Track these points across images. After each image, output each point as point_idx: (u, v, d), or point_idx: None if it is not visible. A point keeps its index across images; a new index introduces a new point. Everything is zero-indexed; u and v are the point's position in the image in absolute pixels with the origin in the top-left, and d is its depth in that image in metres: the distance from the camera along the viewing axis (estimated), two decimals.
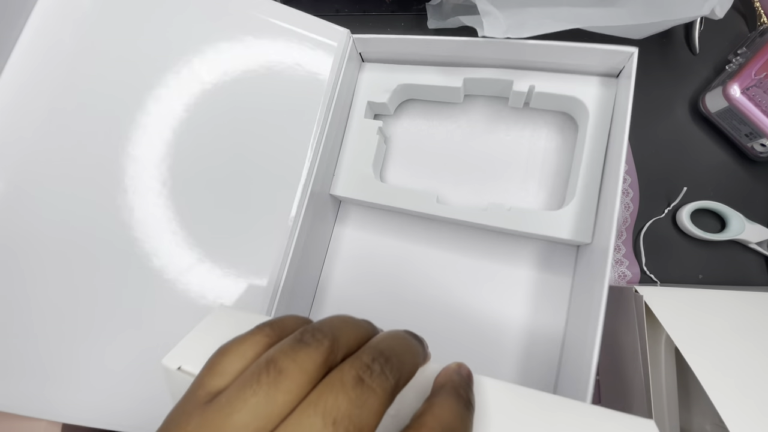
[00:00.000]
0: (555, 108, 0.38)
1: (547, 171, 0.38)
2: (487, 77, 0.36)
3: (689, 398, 0.33)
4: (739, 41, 0.44)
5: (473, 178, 0.40)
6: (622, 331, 0.33)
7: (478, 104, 0.41)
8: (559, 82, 0.35)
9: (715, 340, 0.27)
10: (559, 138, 0.38)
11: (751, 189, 0.41)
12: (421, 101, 0.42)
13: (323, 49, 0.37)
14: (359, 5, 0.44)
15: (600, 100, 0.34)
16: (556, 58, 0.34)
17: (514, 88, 0.35)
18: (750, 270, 0.40)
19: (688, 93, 0.44)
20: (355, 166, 0.39)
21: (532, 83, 0.35)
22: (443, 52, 0.36)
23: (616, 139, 0.32)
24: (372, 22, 0.46)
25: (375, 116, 0.42)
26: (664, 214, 0.40)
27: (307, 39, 0.36)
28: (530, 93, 0.36)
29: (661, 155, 0.42)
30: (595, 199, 0.33)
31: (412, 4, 0.44)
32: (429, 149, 0.41)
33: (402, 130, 0.42)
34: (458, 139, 0.41)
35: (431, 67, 0.38)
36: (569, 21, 0.37)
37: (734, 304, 0.30)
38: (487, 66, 0.37)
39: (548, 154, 0.38)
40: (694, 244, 0.40)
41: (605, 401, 0.36)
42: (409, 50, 0.37)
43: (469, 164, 0.40)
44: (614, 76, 0.34)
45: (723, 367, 0.26)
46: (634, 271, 0.39)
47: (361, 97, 0.40)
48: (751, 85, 0.38)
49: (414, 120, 0.42)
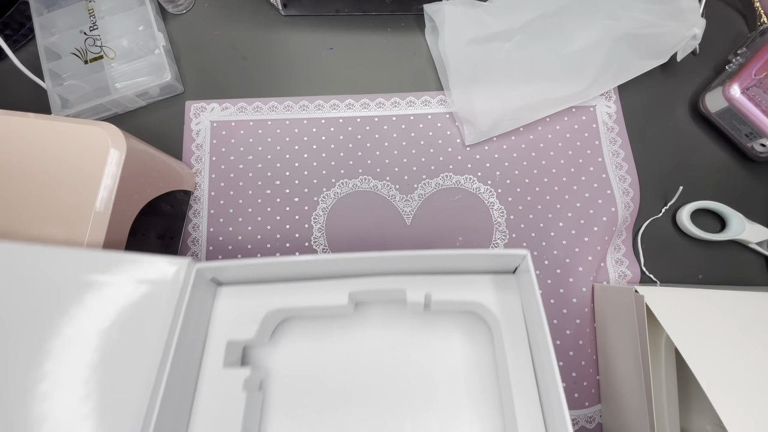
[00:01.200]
0: (460, 309, 0.31)
1: (474, 391, 0.29)
2: (377, 288, 0.29)
3: (689, 398, 0.33)
4: (739, 41, 0.44)
5: (385, 414, 0.29)
6: (622, 331, 0.33)
7: (372, 312, 0.32)
8: (456, 285, 0.29)
9: (715, 340, 0.27)
10: (475, 343, 0.30)
11: (751, 189, 0.41)
12: (302, 318, 0.32)
13: (154, 289, 0.26)
14: (359, 5, 0.44)
15: (503, 302, 0.29)
16: (449, 264, 0.29)
17: (409, 298, 0.29)
18: (750, 270, 0.40)
19: (688, 93, 0.44)
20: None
21: (427, 290, 0.29)
22: (322, 269, 0.29)
23: (538, 341, 0.25)
24: (372, 22, 0.46)
25: (244, 352, 0.30)
26: (661, 214, 0.40)
27: (132, 284, 0.26)
28: (428, 299, 0.29)
29: (661, 155, 0.42)
30: (541, 425, 0.25)
31: (412, 4, 0.44)
32: (320, 383, 0.30)
33: (283, 362, 0.30)
34: (357, 361, 0.30)
35: (309, 283, 0.29)
36: (541, 110, 0.40)
37: (734, 304, 0.30)
38: (376, 275, 0.29)
39: (469, 369, 0.29)
40: (694, 244, 0.40)
41: (605, 401, 0.36)
42: (278, 271, 0.29)
43: (376, 397, 0.29)
44: (511, 273, 0.30)
45: (722, 367, 0.26)
46: (634, 271, 0.39)
47: (218, 337, 0.28)
48: (751, 85, 0.38)
49: (295, 343, 0.31)
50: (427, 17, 0.43)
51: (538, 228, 0.40)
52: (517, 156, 0.42)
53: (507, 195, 0.41)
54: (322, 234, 0.40)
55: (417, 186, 0.41)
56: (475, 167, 0.42)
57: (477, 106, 0.40)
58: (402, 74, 0.44)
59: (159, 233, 0.40)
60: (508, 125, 0.40)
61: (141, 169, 0.31)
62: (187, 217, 0.40)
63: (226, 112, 0.43)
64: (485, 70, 0.40)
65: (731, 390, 0.25)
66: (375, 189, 0.41)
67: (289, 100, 0.43)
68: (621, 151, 0.42)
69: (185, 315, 0.26)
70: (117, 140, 0.28)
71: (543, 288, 0.39)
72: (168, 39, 0.44)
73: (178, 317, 0.26)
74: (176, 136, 0.42)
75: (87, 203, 0.27)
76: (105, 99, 0.40)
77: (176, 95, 0.44)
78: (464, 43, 0.39)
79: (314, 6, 0.44)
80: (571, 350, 0.37)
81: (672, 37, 0.39)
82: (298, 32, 0.45)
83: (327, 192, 0.41)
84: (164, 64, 0.41)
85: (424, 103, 0.43)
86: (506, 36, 0.40)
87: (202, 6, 0.46)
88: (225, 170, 0.41)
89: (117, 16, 0.42)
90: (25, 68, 0.38)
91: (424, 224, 0.40)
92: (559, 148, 0.42)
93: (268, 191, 0.41)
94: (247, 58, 0.45)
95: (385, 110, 0.43)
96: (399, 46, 0.45)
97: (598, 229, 0.39)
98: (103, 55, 0.41)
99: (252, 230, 0.40)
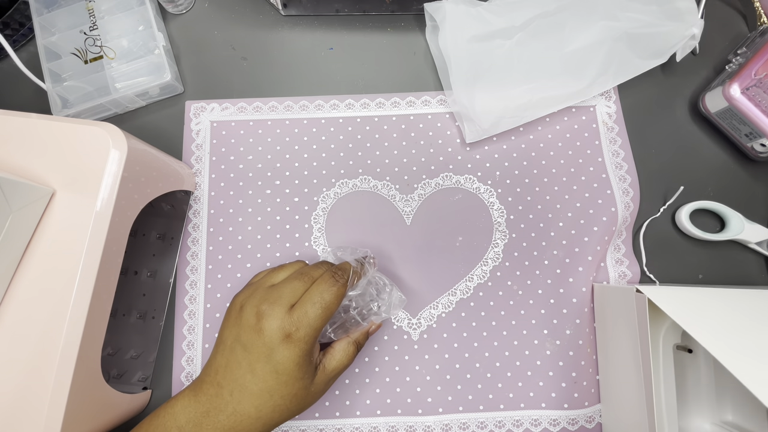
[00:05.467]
0: None
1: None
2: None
3: (688, 398, 0.34)
4: (739, 41, 0.44)
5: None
6: (622, 331, 0.33)
7: None
8: None
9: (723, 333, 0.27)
10: None
11: (751, 189, 0.41)
12: None
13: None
14: (359, 5, 0.44)
15: None
16: None
17: None
18: (750, 270, 0.40)
19: (688, 93, 0.44)
20: None
21: None
22: None
23: None
24: (372, 22, 0.46)
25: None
26: (660, 213, 0.40)
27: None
28: None
29: (661, 155, 0.42)
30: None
31: (412, 4, 0.44)
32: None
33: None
34: None
35: None
36: (542, 108, 0.40)
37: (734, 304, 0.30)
38: None
39: None
40: (694, 244, 0.40)
41: (605, 401, 0.36)
42: None
43: None
44: None
45: (740, 348, 0.26)
46: (634, 271, 0.39)
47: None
48: (751, 85, 0.38)
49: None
50: (427, 16, 0.43)
51: (538, 228, 0.40)
52: (517, 156, 0.42)
53: (507, 195, 0.41)
54: (322, 234, 0.40)
55: (417, 186, 0.41)
56: (475, 167, 0.42)
57: (478, 104, 0.40)
58: (402, 74, 0.44)
59: (159, 233, 0.41)
60: (508, 123, 0.40)
61: (142, 169, 0.31)
62: (187, 217, 0.40)
63: (226, 112, 0.43)
64: (486, 68, 0.40)
65: (757, 372, 0.24)
66: (375, 189, 0.41)
67: (289, 100, 0.43)
68: (621, 151, 0.42)
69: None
70: (118, 140, 0.28)
71: (543, 288, 0.39)
72: (168, 39, 0.44)
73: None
74: (176, 136, 0.42)
75: (87, 203, 0.27)
76: (105, 99, 0.40)
77: (176, 95, 0.44)
78: (465, 41, 0.39)
79: (314, 6, 0.44)
80: (571, 350, 0.37)
81: (670, 37, 0.39)
82: (298, 32, 0.45)
83: (327, 192, 0.41)
84: (164, 64, 0.41)
85: (424, 103, 0.43)
86: (507, 34, 0.40)
87: (202, 6, 0.46)
88: (225, 170, 0.41)
89: (117, 16, 0.42)
90: (25, 68, 0.38)
91: (424, 224, 0.40)
92: (559, 148, 0.42)
93: (268, 191, 0.41)
94: (247, 58, 0.45)
95: (385, 110, 0.43)
96: (399, 46, 0.45)
97: (598, 229, 0.39)
98: (103, 55, 0.41)
99: (252, 230, 0.40)
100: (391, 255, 0.40)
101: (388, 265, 0.40)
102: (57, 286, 0.26)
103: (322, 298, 0.28)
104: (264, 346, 0.27)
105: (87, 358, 0.27)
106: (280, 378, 0.27)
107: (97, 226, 0.27)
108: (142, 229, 0.40)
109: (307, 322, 0.28)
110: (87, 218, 0.27)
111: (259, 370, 0.27)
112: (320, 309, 0.28)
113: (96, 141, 0.28)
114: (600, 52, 0.40)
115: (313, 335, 0.28)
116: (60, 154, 0.28)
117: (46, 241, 0.27)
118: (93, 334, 0.28)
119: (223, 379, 0.28)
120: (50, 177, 0.28)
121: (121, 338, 0.38)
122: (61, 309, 0.26)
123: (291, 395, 0.28)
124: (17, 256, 0.27)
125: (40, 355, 0.26)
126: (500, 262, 0.40)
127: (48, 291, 0.27)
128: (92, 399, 0.29)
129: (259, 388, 0.27)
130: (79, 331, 0.26)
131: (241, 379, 0.28)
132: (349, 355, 0.31)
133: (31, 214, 0.27)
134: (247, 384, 0.27)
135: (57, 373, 0.25)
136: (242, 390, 0.27)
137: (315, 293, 0.29)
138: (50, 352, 0.26)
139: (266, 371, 0.27)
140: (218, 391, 0.28)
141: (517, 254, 0.40)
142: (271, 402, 0.27)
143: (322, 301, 0.28)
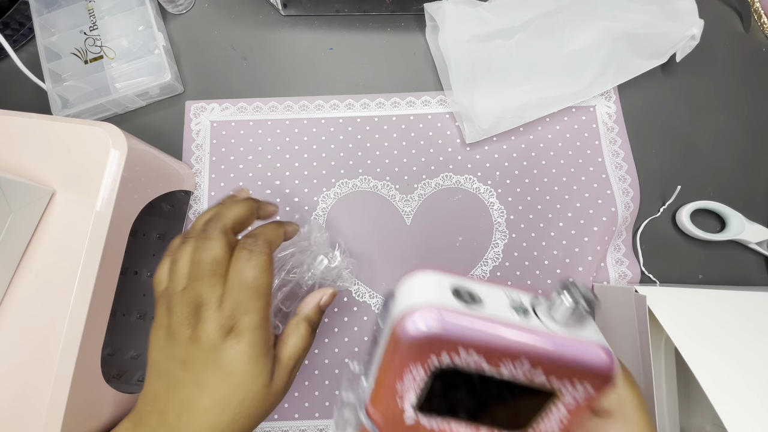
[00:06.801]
0: None
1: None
2: None
3: (689, 398, 0.33)
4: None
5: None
6: (622, 331, 0.33)
7: None
8: None
9: (715, 340, 0.27)
10: None
11: (751, 189, 0.41)
12: None
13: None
14: (359, 5, 0.44)
15: None
16: None
17: None
18: (750, 270, 0.40)
19: (688, 93, 0.44)
20: None
21: None
22: None
23: None
24: (372, 22, 0.46)
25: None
26: (660, 213, 0.40)
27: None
28: None
29: (660, 155, 0.42)
30: None
31: (412, 4, 0.44)
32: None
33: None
34: None
35: None
36: (542, 109, 0.40)
37: (734, 304, 0.30)
38: None
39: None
40: (694, 244, 0.40)
41: None
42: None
43: None
44: None
45: (722, 367, 0.26)
46: (634, 271, 0.39)
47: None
48: None
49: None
50: (427, 16, 0.43)
51: (538, 228, 0.40)
52: (517, 156, 0.42)
53: (507, 195, 0.41)
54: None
55: (417, 186, 0.41)
56: (475, 167, 0.42)
57: (478, 104, 0.40)
58: (402, 74, 0.44)
59: (159, 233, 0.41)
60: (508, 123, 0.40)
61: (142, 169, 0.31)
62: (187, 217, 0.40)
63: (226, 112, 0.43)
64: (486, 68, 0.40)
65: (731, 390, 0.25)
66: (375, 189, 0.41)
67: (289, 100, 0.43)
68: (621, 151, 0.42)
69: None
70: (118, 140, 0.28)
71: (543, 288, 0.39)
72: (168, 39, 0.44)
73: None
74: (176, 136, 0.42)
75: (87, 203, 0.27)
76: (105, 99, 0.40)
77: (176, 95, 0.44)
78: (465, 40, 0.39)
79: (314, 6, 0.44)
80: None
81: (670, 37, 0.40)
82: (298, 32, 0.45)
83: (327, 192, 0.41)
84: (164, 64, 0.41)
85: (424, 103, 0.43)
86: (507, 34, 0.40)
87: (202, 6, 0.46)
88: (225, 170, 0.41)
89: (117, 16, 0.42)
90: (25, 68, 0.38)
91: (424, 224, 0.40)
92: (559, 148, 0.42)
93: (268, 191, 0.41)
94: (247, 58, 0.45)
95: (385, 110, 0.43)
96: (399, 46, 0.45)
97: (597, 229, 0.39)
98: (103, 55, 0.41)
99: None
100: (391, 255, 0.40)
101: (388, 265, 0.40)
102: (57, 286, 0.26)
103: (244, 277, 0.24)
104: (207, 353, 0.23)
105: (87, 358, 0.27)
106: (233, 380, 0.24)
107: (97, 226, 0.27)
108: (142, 229, 0.40)
109: (244, 308, 0.24)
110: (87, 218, 0.27)
111: (207, 380, 0.23)
112: (250, 289, 0.24)
113: (96, 141, 0.28)
114: (600, 52, 0.40)
115: (257, 319, 0.24)
116: (60, 154, 0.28)
117: (46, 241, 0.27)
118: (93, 334, 0.27)
119: (165, 404, 0.24)
120: (50, 177, 0.28)
121: (121, 338, 0.38)
122: (61, 309, 0.26)
123: (250, 399, 0.24)
124: (17, 256, 0.27)
125: (40, 354, 0.26)
126: (500, 262, 0.40)
127: (48, 291, 0.27)
128: (92, 399, 0.29)
129: (211, 401, 0.23)
130: (79, 331, 0.26)
131: (187, 398, 0.24)
132: (302, 336, 0.27)
133: (31, 214, 0.27)
134: (196, 400, 0.24)
135: (57, 372, 0.25)
136: (191, 409, 0.23)
137: (235, 277, 0.24)
138: (50, 352, 0.25)
139: (216, 378, 0.24)
140: (162, 419, 0.24)
141: (517, 254, 0.40)
142: (227, 413, 0.24)
143: (248, 280, 0.24)
